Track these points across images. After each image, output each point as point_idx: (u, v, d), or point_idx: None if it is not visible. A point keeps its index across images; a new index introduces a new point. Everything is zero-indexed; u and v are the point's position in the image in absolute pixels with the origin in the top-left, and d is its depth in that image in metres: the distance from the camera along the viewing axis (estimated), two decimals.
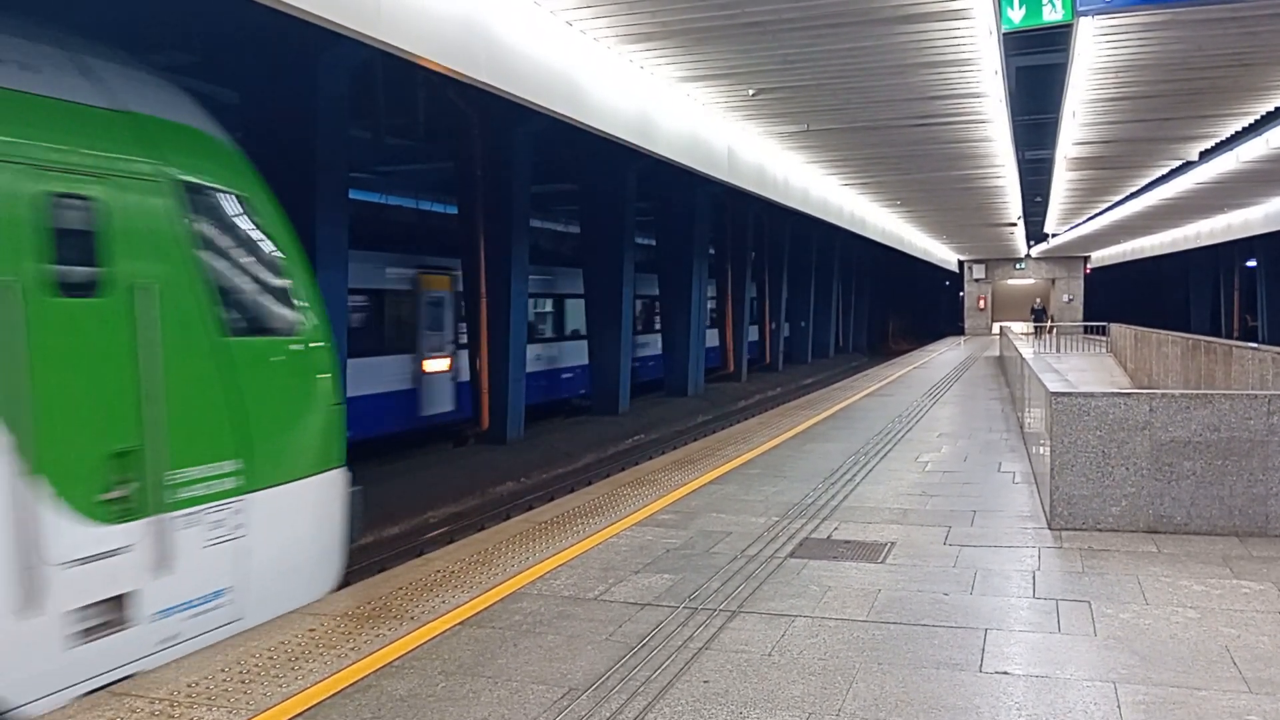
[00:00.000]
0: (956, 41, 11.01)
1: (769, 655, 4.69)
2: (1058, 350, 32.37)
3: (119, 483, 4.96)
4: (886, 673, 4.43)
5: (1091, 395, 7.18)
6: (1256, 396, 6.88)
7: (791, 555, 6.53)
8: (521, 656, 4.74)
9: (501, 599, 5.67)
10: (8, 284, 4.48)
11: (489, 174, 18.65)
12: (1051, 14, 9.22)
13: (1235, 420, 6.82)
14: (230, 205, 5.98)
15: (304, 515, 6.32)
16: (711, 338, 32.48)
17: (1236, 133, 17.49)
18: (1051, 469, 7.18)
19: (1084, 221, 35.68)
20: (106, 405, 4.95)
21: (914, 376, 23.22)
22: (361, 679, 4.50)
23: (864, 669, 4.48)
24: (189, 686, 4.45)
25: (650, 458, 16.53)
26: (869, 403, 16.83)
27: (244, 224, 6.09)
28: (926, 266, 55.74)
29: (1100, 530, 7.02)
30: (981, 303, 54.18)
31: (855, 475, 9.52)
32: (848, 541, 6.89)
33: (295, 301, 6.37)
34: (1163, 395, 7.04)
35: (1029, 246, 46.68)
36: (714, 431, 19.83)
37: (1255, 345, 13.68)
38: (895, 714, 4.00)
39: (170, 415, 5.23)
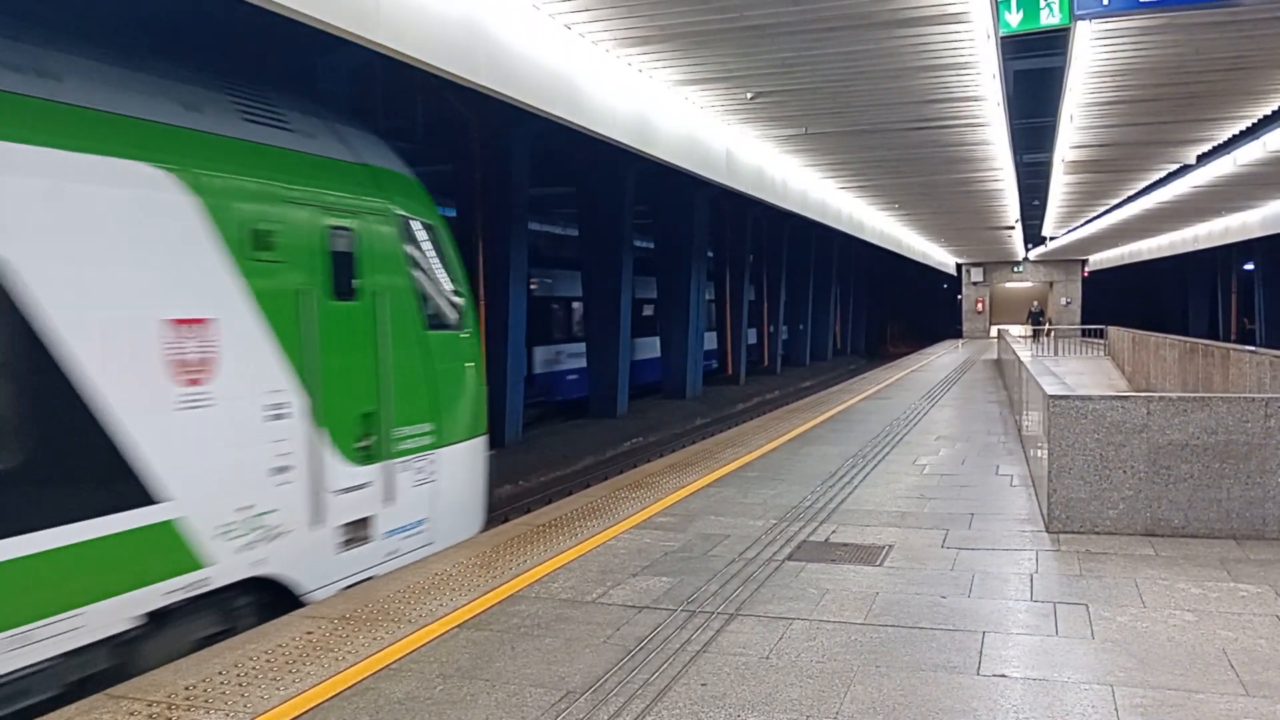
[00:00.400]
0: (954, 45, 11.03)
1: (767, 658, 4.69)
2: (1055, 353, 32.43)
3: (364, 435, 6.88)
4: (884, 675, 4.44)
5: (1089, 398, 7.19)
6: (1254, 399, 6.89)
7: (789, 558, 6.54)
8: (519, 659, 4.74)
9: (499, 602, 5.67)
10: (308, 291, 6.43)
11: (487, 177, 18.67)
12: (1049, 18, 9.26)
13: (1233, 423, 6.83)
14: (423, 232, 7.88)
15: (467, 468, 8.23)
16: (709, 340, 32.51)
17: (1233, 136, 17.53)
18: (1049, 472, 7.19)
19: (1082, 225, 35.75)
20: (359, 378, 6.89)
21: (912, 379, 23.24)
22: (359, 682, 4.51)
23: (862, 672, 4.49)
24: (186, 689, 4.45)
25: (648, 460, 16.53)
26: (867, 405, 16.84)
27: (431, 245, 7.99)
28: (924, 269, 55.83)
29: (1098, 533, 7.03)
30: (980, 306, 54.26)
31: (853, 478, 9.52)
32: (845, 544, 6.89)
33: (460, 304, 8.31)
34: (1160, 398, 7.04)
35: (1027, 250, 46.76)
36: (712, 434, 19.84)
37: (1253, 348, 13.70)
38: (893, 717, 4.00)
39: (395, 387, 7.17)
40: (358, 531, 6.86)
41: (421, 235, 7.84)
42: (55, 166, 5.03)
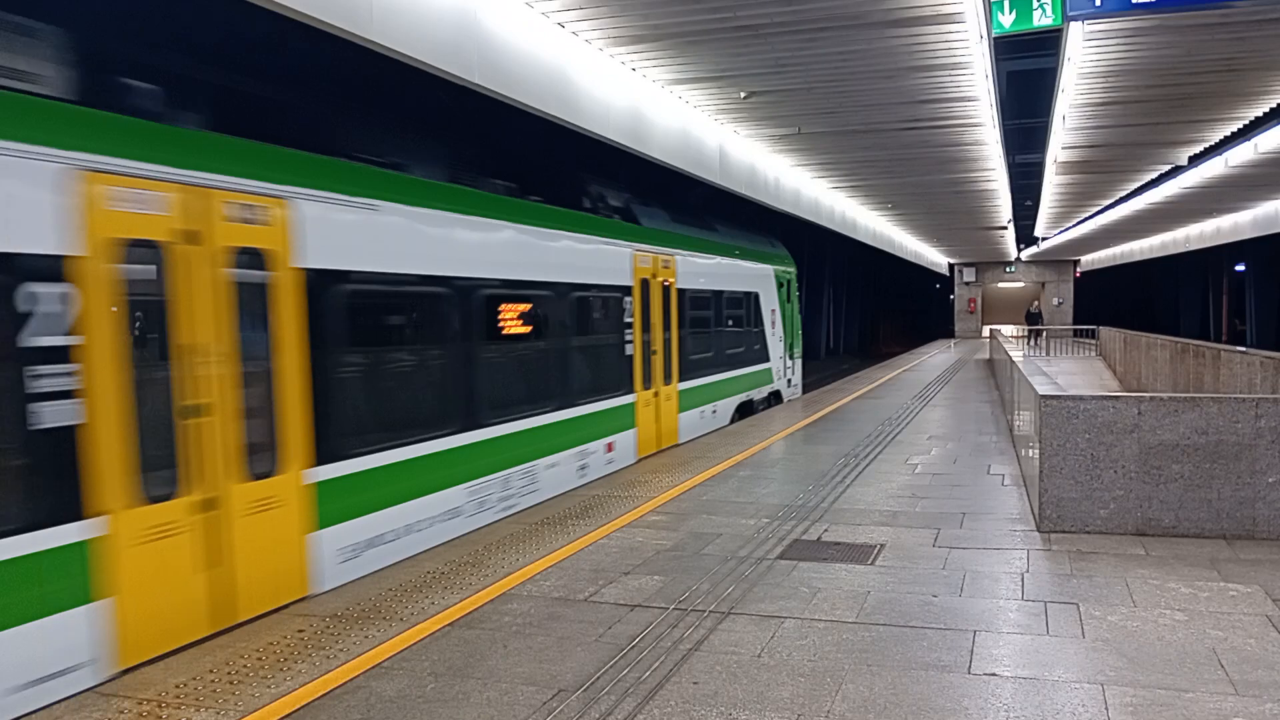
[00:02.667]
0: (947, 46, 11.04)
1: (758, 657, 4.69)
2: (1047, 353, 32.48)
3: (788, 350, 19.35)
4: (875, 674, 4.44)
5: (1080, 398, 7.20)
6: (1244, 400, 6.92)
7: (781, 557, 6.55)
8: (511, 658, 4.74)
9: (491, 600, 5.67)
10: (783, 300, 18.95)
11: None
12: (1041, 18, 9.27)
13: (1223, 423, 6.86)
14: (790, 279, 19.60)
15: (799, 368, 20.38)
16: None
17: (1225, 138, 17.56)
18: (1040, 471, 7.21)
19: (1074, 225, 35.82)
20: (788, 330, 19.25)
21: (904, 379, 23.27)
22: (351, 680, 4.50)
23: (853, 670, 4.49)
24: (177, 687, 4.43)
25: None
26: (859, 405, 16.86)
27: (791, 284, 19.65)
28: (917, 270, 55.84)
29: (1089, 533, 7.05)
30: (972, 306, 54.35)
31: (845, 477, 9.53)
32: (837, 543, 6.90)
33: (795, 302, 20.26)
34: (1151, 398, 7.06)
35: (1019, 250, 46.83)
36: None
37: (1244, 349, 13.75)
38: (884, 715, 4.01)
39: (790, 333, 19.44)
40: (788, 383, 18.84)
41: (793, 279, 19.41)
42: (756, 267, 17.16)
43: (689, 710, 4.10)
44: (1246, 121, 16.05)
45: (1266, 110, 15.16)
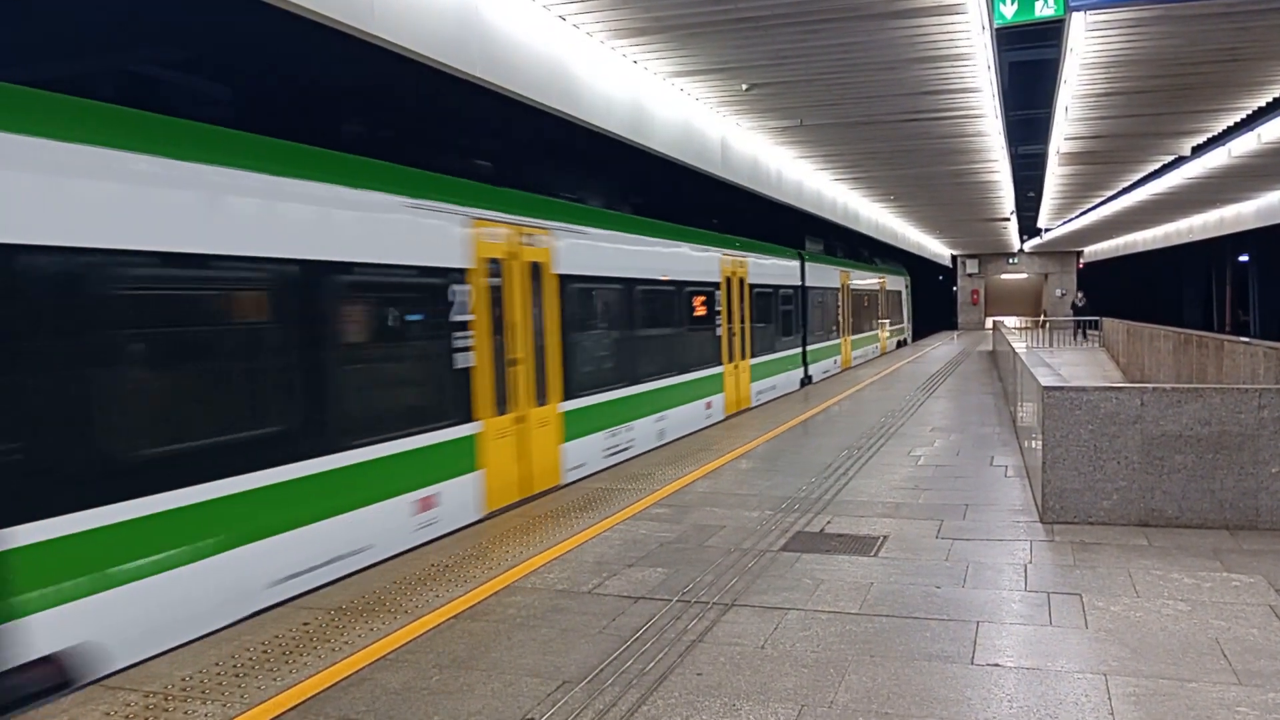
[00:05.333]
0: (950, 36, 11.02)
1: (762, 648, 4.71)
2: (1050, 345, 32.45)
3: (910, 316, 42.72)
4: (879, 665, 4.46)
5: (1083, 389, 7.20)
6: (1247, 390, 6.91)
7: (784, 549, 6.56)
8: (515, 649, 4.75)
9: (495, 593, 5.69)
10: (907, 297, 41.41)
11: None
12: (1043, 9, 9.24)
13: (1226, 414, 6.85)
14: (909, 283, 41.82)
15: (910, 332, 42.38)
16: None
17: (1228, 128, 17.52)
18: (1043, 463, 7.21)
19: (1077, 216, 35.75)
20: (908, 311, 42.00)
21: (907, 371, 23.26)
22: (356, 672, 4.52)
23: (856, 661, 4.51)
24: (183, 680, 4.46)
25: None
26: (862, 396, 16.86)
27: (910, 286, 41.93)
28: (919, 261, 55.78)
29: (1092, 523, 7.06)
30: (975, 297, 54.30)
31: (848, 469, 9.54)
32: (840, 535, 6.91)
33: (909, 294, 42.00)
34: (1154, 389, 7.06)
35: (1022, 241, 46.76)
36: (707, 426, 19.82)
37: (1247, 339, 13.73)
38: (887, 706, 4.02)
39: (912, 310, 43.40)
40: (910, 336, 41.79)
41: (907, 285, 40.61)
42: (901, 279, 39.32)
43: (693, 701, 4.11)
44: (1249, 111, 16.01)
45: (1269, 100, 15.11)
